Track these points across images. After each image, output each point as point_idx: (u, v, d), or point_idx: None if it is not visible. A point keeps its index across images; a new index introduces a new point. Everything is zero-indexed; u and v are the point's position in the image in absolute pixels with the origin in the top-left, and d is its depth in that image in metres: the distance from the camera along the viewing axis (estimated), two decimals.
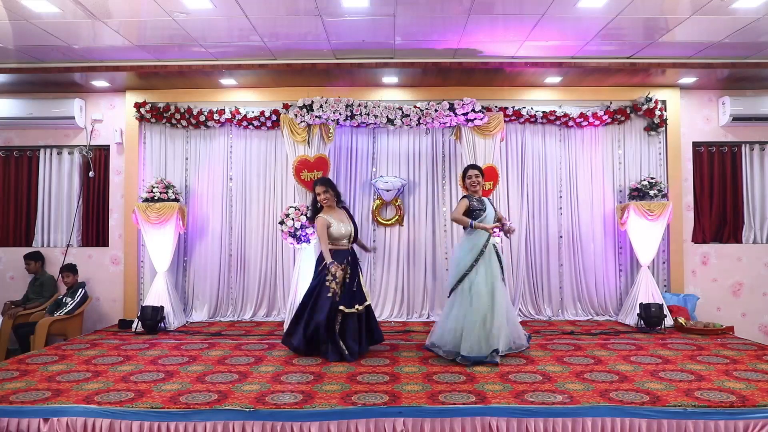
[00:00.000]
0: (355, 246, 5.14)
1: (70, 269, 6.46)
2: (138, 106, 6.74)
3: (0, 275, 6.91)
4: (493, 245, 4.80)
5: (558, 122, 6.89)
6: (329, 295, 4.69)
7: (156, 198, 6.40)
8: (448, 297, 4.86)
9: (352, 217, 5.05)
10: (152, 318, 5.95)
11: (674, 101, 6.86)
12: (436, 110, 6.46)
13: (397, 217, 6.89)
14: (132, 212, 6.50)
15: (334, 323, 4.67)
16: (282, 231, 6.47)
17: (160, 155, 6.96)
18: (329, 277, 4.69)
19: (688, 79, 6.61)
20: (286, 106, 6.69)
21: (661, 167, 6.91)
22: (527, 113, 6.81)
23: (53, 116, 6.76)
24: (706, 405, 3.45)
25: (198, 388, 3.87)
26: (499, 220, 4.94)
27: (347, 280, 4.78)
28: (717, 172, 7.04)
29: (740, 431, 3.33)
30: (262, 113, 6.78)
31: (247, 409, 3.40)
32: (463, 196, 4.97)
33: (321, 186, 4.94)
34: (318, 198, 4.92)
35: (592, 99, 6.89)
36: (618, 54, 6.07)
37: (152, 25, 5.21)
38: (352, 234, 4.94)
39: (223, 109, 6.81)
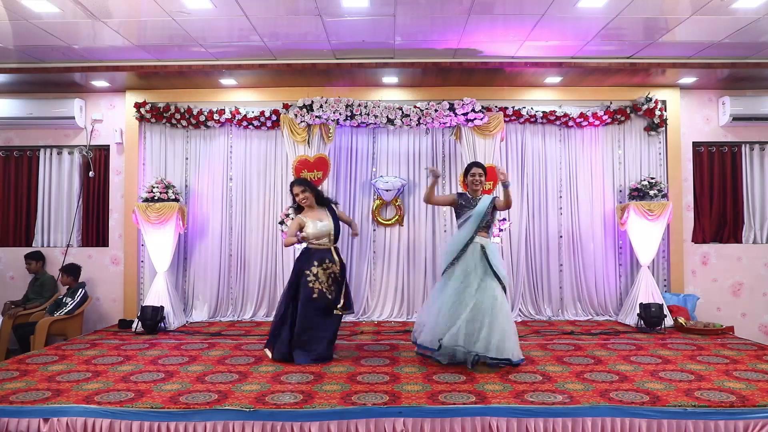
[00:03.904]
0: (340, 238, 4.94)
1: (67, 271, 6.39)
2: (138, 106, 6.74)
3: (0, 275, 6.92)
4: (482, 246, 4.55)
5: (558, 122, 6.89)
6: (314, 296, 4.59)
7: (156, 198, 6.41)
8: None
9: (334, 216, 4.84)
10: (152, 318, 5.95)
11: (674, 101, 6.86)
12: (436, 110, 6.47)
13: (397, 217, 6.89)
14: (132, 212, 6.50)
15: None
16: (282, 231, 6.49)
17: (160, 155, 6.95)
18: (311, 278, 4.61)
19: (688, 79, 6.61)
20: (286, 106, 6.69)
21: (661, 167, 6.91)
22: (527, 113, 6.81)
23: (53, 116, 6.76)
24: (706, 405, 3.45)
25: (198, 388, 3.87)
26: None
27: (332, 278, 4.68)
28: (717, 172, 7.04)
29: (740, 431, 3.33)
30: (262, 113, 6.78)
31: (247, 409, 3.40)
32: (458, 193, 4.87)
33: (298, 186, 4.80)
34: (297, 198, 4.78)
35: (592, 99, 6.89)
36: (618, 54, 6.07)
37: (152, 25, 5.21)
38: (332, 233, 4.74)
39: (223, 109, 6.81)
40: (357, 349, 5.05)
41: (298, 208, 4.87)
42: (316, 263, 4.65)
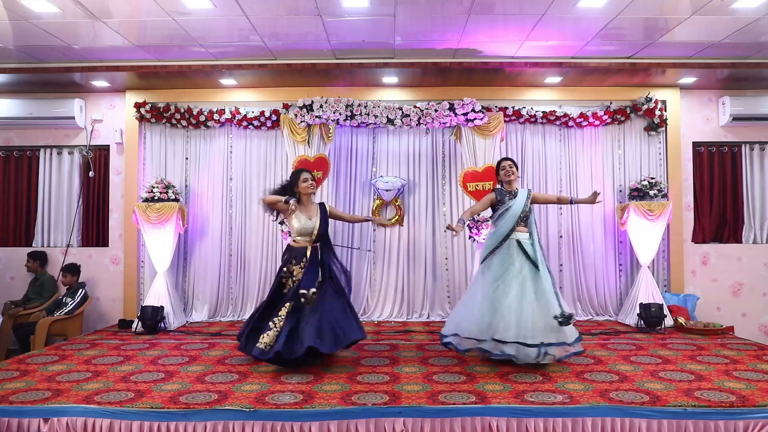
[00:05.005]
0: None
1: (67, 271, 6.40)
2: (138, 106, 6.74)
3: (0, 275, 6.92)
4: (517, 241, 4.56)
5: (558, 122, 6.89)
6: (285, 291, 4.53)
7: (156, 198, 6.41)
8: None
9: (324, 217, 4.67)
10: (152, 318, 5.95)
11: (674, 101, 6.86)
12: (436, 110, 6.47)
13: (397, 217, 6.89)
14: (132, 212, 6.50)
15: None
16: (282, 231, 6.49)
17: (160, 155, 6.95)
18: (285, 275, 4.53)
19: (688, 79, 6.61)
20: (286, 106, 6.69)
21: (661, 167, 6.91)
22: (527, 113, 6.81)
23: (53, 116, 6.76)
24: (706, 405, 3.45)
25: (198, 388, 3.87)
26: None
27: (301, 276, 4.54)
28: (717, 172, 7.04)
29: (740, 431, 3.33)
30: (262, 113, 6.78)
31: (247, 409, 3.40)
32: (493, 190, 4.84)
33: (308, 173, 4.69)
34: (303, 184, 4.59)
35: (592, 99, 6.89)
36: (618, 54, 6.07)
37: (152, 25, 5.21)
38: (315, 232, 4.57)
39: (223, 109, 6.81)
40: (357, 348, 5.03)
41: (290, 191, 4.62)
42: (293, 261, 4.54)
